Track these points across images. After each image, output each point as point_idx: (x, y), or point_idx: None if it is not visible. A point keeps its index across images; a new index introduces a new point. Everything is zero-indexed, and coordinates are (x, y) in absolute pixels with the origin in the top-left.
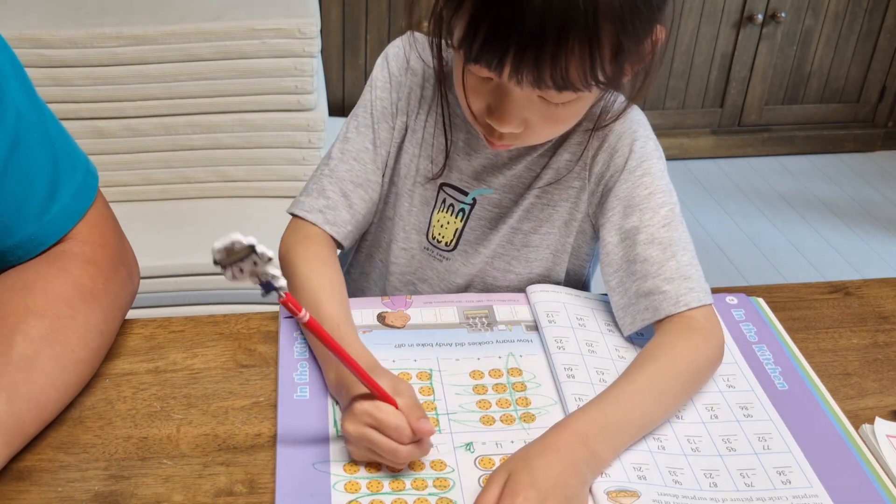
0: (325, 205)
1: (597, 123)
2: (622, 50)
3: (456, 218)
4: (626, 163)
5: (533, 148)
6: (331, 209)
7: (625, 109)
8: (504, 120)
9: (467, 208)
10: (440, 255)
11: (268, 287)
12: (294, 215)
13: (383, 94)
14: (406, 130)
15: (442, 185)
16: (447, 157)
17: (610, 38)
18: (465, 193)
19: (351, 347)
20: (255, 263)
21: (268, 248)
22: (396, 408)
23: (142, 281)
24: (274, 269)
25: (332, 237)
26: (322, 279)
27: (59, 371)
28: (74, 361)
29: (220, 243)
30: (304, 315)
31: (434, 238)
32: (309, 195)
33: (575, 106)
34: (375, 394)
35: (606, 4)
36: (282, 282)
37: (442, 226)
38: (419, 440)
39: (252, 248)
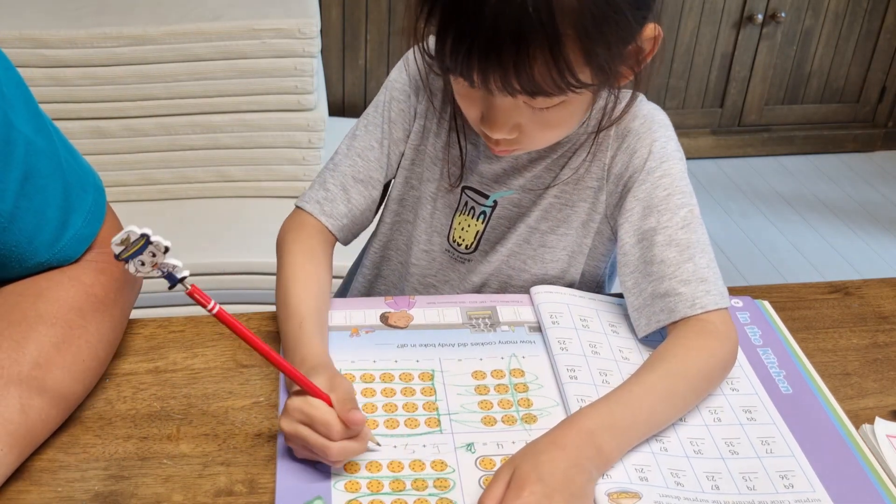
0: (324, 196)
1: (601, 125)
2: (594, 55)
3: (477, 220)
4: (646, 163)
5: (553, 149)
6: (329, 201)
7: (625, 109)
8: (495, 127)
9: (488, 211)
10: (461, 258)
11: (171, 278)
12: (296, 206)
13: (401, 95)
14: (426, 134)
15: (464, 188)
16: (463, 166)
17: (576, 45)
18: (486, 196)
19: (308, 343)
20: (153, 255)
21: (163, 238)
22: (330, 404)
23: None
24: (173, 260)
25: (327, 229)
26: (300, 272)
27: (69, 382)
28: (84, 371)
29: (117, 236)
30: (214, 307)
31: (454, 241)
32: (311, 188)
33: (565, 109)
34: (307, 390)
35: (565, 12)
36: (184, 272)
37: (463, 228)
38: (356, 435)
39: (146, 238)
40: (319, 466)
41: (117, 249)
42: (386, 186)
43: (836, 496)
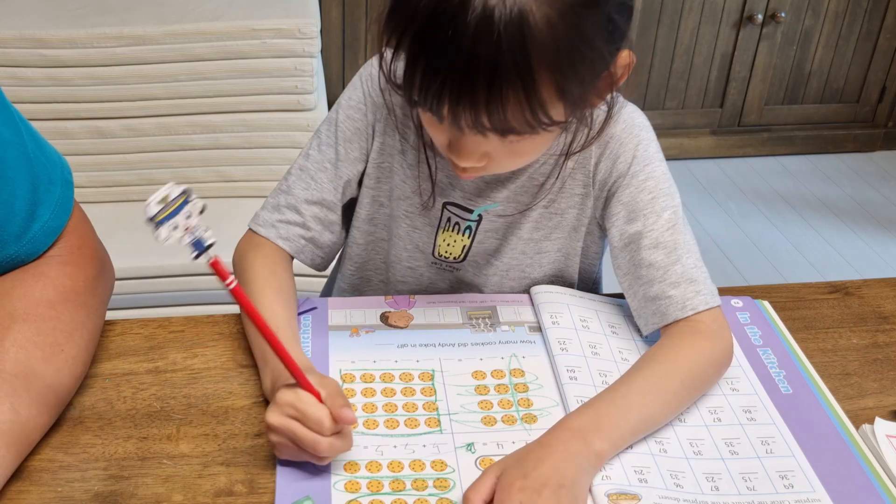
0: (279, 219)
1: (570, 150)
2: (568, 92)
3: (463, 235)
4: (630, 168)
5: (534, 160)
6: (283, 224)
7: (600, 131)
8: (462, 156)
9: (474, 225)
10: (449, 268)
11: (199, 245)
12: (250, 229)
13: (356, 114)
14: (388, 151)
15: (445, 204)
16: (433, 184)
17: (551, 83)
18: (470, 211)
19: (288, 349)
20: (188, 216)
21: (200, 198)
22: (320, 400)
23: (142, 281)
24: (205, 223)
25: (284, 251)
26: (265, 284)
27: (53, 372)
28: (65, 360)
29: (155, 196)
30: (232, 282)
31: (440, 255)
32: (264, 210)
33: (534, 140)
34: (300, 383)
35: (540, 51)
36: (212, 239)
37: (448, 244)
38: (341, 431)
39: (186, 195)
40: (319, 466)
41: (154, 210)
42: (348, 205)
43: (836, 496)
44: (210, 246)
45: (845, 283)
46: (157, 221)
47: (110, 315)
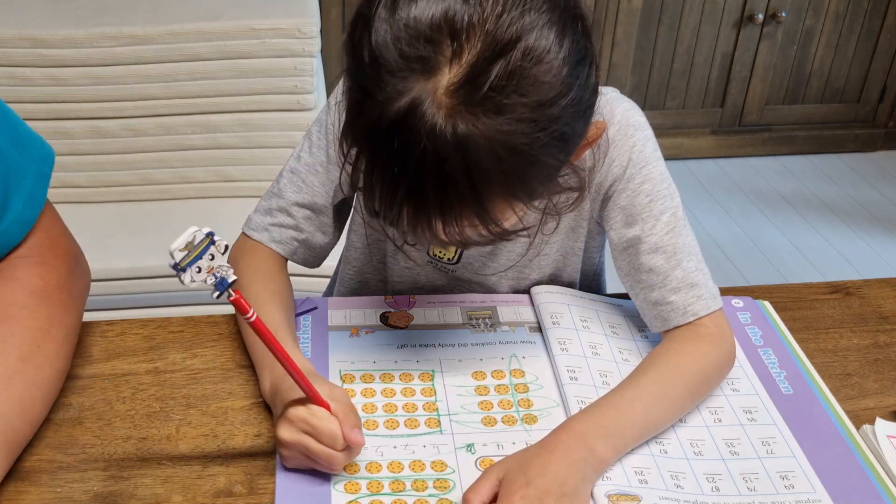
0: (271, 222)
1: (545, 211)
2: (521, 204)
3: None
4: (625, 172)
5: None
6: (276, 227)
7: (575, 202)
8: (438, 246)
9: None
10: (444, 268)
11: (222, 284)
12: (243, 233)
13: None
14: None
15: None
16: (404, 251)
17: (502, 203)
18: None
19: (290, 351)
20: (212, 257)
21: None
22: (330, 412)
23: (140, 281)
24: (227, 262)
25: (279, 254)
26: (262, 288)
27: (33, 370)
28: (45, 356)
29: (181, 239)
30: (252, 315)
31: (435, 255)
32: (256, 213)
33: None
34: (311, 398)
35: (488, 182)
36: (233, 277)
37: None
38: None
39: (211, 237)
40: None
41: (179, 256)
42: (340, 205)
43: (836, 497)
44: (232, 283)
45: (846, 284)
46: (181, 268)
47: (110, 315)
